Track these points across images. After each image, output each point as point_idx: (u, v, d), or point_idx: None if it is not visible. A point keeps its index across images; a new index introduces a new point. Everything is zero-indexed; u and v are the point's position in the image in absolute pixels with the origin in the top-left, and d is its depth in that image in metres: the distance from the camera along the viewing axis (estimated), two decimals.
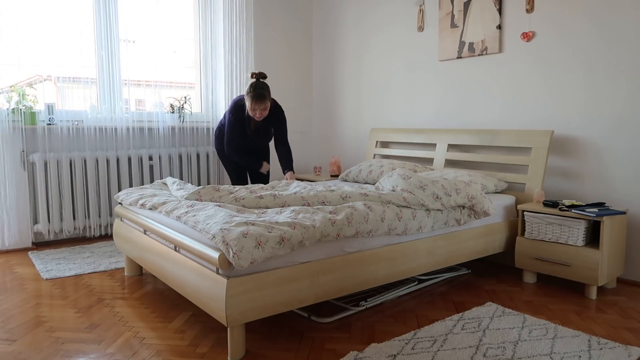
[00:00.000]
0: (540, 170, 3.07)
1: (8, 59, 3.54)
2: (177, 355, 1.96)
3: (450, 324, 2.24)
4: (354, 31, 4.61)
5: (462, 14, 3.63)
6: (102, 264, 3.18)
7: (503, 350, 1.97)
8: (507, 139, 3.27)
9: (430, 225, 2.51)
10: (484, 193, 2.75)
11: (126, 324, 2.26)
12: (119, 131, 3.92)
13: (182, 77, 4.42)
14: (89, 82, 3.85)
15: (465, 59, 3.66)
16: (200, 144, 4.38)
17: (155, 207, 2.47)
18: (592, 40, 2.96)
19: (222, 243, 1.80)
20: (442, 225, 2.58)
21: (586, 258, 2.60)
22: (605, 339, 2.09)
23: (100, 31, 3.82)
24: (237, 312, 1.84)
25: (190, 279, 2.06)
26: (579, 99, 3.04)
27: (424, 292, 2.72)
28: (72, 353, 1.97)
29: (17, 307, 2.46)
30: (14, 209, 3.54)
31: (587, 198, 3.05)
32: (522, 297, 2.64)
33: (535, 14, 3.22)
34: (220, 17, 4.33)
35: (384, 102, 4.35)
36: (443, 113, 3.85)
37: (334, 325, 2.25)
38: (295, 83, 5.00)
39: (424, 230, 2.49)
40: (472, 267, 3.21)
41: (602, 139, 2.95)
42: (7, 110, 3.49)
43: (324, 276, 2.10)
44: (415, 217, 2.43)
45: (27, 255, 3.43)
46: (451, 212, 2.62)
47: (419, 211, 2.47)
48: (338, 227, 2.09)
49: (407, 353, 1.94)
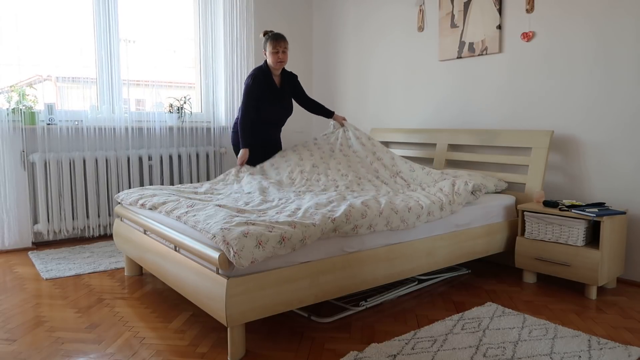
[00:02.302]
0: (540, 171, 3.07)
1: (8, 59, 3.54)
2: (177, 355, 1.96)
3: (450, 324, 2.24)
4: (353, 31, 4.61)
5: (462, 14, 3.63)
6: (102, 264, 3.18)
7: (503, 350, 1.97)
8: (507, 139, 3.27)
9: (426, 213, 2.50)
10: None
11: (126, 324, 2.26)
12: (118, 131, 3.92)
13: (182, 77, 4.42)
14: (89, 82, 3.85)
15: (465, 59, 3.66)
16: (200, 144, 4.38)
17: (155, 207, 2.47)
18: (592, 40, 2.96)
19: (223, 242, 1.80)
20: (437, 211, 2.57)
21: (586, 258, 2.60)
22: (605, 339, 2.09)
23: (100, 31, 3.82)
24: (237, 312, 1.84)
25: (190, 279, 2.06)
26: (579, 99, 3.04)
27: (424, 292, 2.72)
28: (72, 353, 1.97)
29: (17, 307, 2.46)
30: (14, 209, 3.54)
31: (587, 198, 3.05)
32: (522, 297, 2.64)
33: (535, 14, 3.22)
34: (220, 17, 4.33)
35: (384, 102, 4.35)
36: (443, 113, 3.85)
37: (334, 325, 2.25)
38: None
39: (422, 218, 2.48)
40: (472, 267, 3.21)
41: (602, 138, 2.95)
42: (7, 110, 3.49)
43: (324, 276, 2.10)
44: (411, 210, 2.43)
45: (27, 255, 3.43)
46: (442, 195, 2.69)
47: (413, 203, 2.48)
48: (337, 223, 2.11)
49: (407, 353, 1.94)
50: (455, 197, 2.69)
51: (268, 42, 3.33)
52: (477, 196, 2.79)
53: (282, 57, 3.35)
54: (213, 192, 2.84)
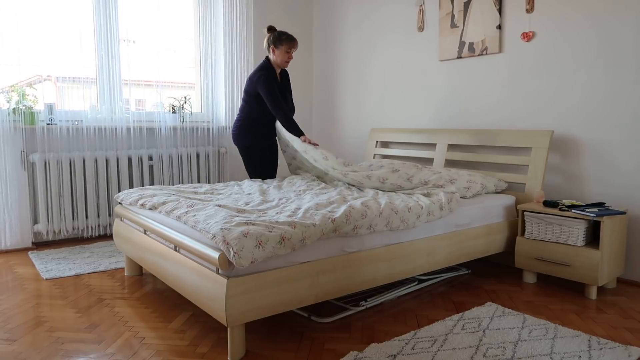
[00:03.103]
0: (540, 170, 3.07)
1: (8, 59, 3.54)
2: (177, 355, 1.96)
3: (450, 324, 2.24)
4: (354, 31, 4.61)
5: (462, 14, 3.63)
6: (102, 264, 3.18)
7: (503, 350, 1.97)
8: (507, 139, 3.27)
9: (426, 213, 2.50)
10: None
11: (126, 324, 2.26)
12: (118, 131, 3.92)
13: (182, 77, 4.42)
14: (89, 82, 3.85)
15: (465, 59, 3.66)
16: (200, 144, 4.38)
17: (155, 207, 2.47)
18: (592, 40, 2.96)
19: (223, 242, 1.80)
20: (437, 210, 2.56)
21: (586, 258, 2.60)
22: (605, 339, 2.09)
23: (100, 31, 3.82)
24: (237, 312, 1.84)
25: (190, 279, 2.06)
26: (578, 99, 3.04)
27: (424, 292, 2.72)
28: (72, 353, 1.97)
29: (17, 307, 2.46)
30: (14, 209, 3.54)
31: (587, 198, 3.05)
32: (522, 297, 2.64)
33: (535, 14, 3.22)
34: (220, 17, 4.33)
35: (384, 102, 4.35)
36: (443, 113, 3.85)
37: (334, 325, 2.25)
38: (295, 83, 5.00)
39: (422, 218, 2.48)
40: (472, 267, 3.21)
41: (602, 138, 2.95)
42: (7, 110, 3.49)
43: (324, 276, 2.10)
44: (411, 210, 2.43)
45: (27, 255, 3.43)
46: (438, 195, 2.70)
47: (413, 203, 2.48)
48: (337, 224, 2.11)
49: (407, 353, 1.94)
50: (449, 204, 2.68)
51: (284, 41, 3.38)
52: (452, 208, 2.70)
53: (290, 58, 3.45)
54: (213, 192, 2.84)
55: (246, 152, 3.51)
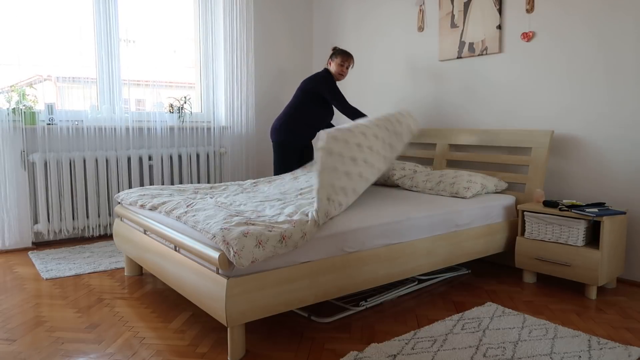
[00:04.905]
0: (540, 170, 3.07)
1: (8, 59, 3.54)
2: (177, 355, 1.96)
3: (450, 324, 2.24)
4: (354, 31, 4.61)
5: (462, 14, 3.63)
6: (102, 264, 3.18)
7: (503, 350, 1.97)
8: (507, 139, 3.27)
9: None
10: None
11: (126, 324, 2.26)
12: (118, 131, 3.92)
13: (182, 77, 4.42)
14: (89, 82, 3.85)
15: (465, 59, 3.66)
16: (200, 144, 4.38)
17: (155, 207, 2.47)
18: (592, 40, 2.96)
19: (223, 242, 1.80)
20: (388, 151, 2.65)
21: (586, 258, 2.60)
22: (605, 339, 2.09)
23: (100, 31, 3.82)
24: (237, 312, 1.84)
25: (190, 279, 2.06)
26: (579, 99, 3.04)
27: (424, 292, 2.72)
28: (72, 353, 1.97)
29: (17, 307, 2.46)
30: (14, 209, 3.54)
31: (587, 198, 3.05)
32: (522, 297, 2.64)
33: (535, 14, 3.22)
34: (220, 17, 4.33)
35: (383, 102, 4.35)
36: (443, 113, 3.85)
37: (334, 325, 2.25)
38: (295, 83, 5.00)
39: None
40: (472, 267, 3.21)
41: (602, 139, 2.95)
42: (7, 110, 3.49)
43: (324, 276, 2.10)
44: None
45: (27, 255, 3.43)
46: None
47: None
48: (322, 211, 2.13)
49: (407, 353, 1.94)
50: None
51: (338, 54, 3.65)
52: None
53: (345, 72, 3.68)
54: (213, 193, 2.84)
55: (279, 147, 3.67)
